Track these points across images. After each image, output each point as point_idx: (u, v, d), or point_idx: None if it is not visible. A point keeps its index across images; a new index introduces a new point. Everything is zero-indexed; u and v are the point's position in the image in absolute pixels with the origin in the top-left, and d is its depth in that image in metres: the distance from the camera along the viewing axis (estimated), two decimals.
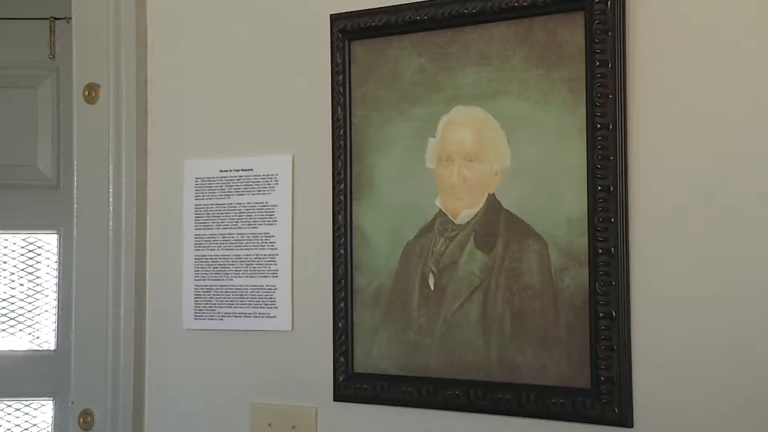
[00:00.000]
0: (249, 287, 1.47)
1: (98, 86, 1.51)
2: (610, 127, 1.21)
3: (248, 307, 1.47)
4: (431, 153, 1.34)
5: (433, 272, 1.32)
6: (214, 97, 1.53)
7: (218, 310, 1.50)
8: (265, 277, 1.45)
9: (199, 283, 1.51)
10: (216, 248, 1.50)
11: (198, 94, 1.54)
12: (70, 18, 1.54)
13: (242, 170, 1.48)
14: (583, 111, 1.23)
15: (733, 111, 1.17)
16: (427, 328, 1.32)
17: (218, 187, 1.50)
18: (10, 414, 2.53)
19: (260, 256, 1.46)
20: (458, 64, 1.32)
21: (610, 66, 1.21)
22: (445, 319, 1.31)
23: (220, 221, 1.50)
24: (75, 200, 1.55)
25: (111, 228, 1.52)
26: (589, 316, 1.21)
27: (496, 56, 1.29)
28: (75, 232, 1.55)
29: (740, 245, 1.15)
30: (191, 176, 1.52)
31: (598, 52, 1.22)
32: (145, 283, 1.55)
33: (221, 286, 1.49)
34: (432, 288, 1.32)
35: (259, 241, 1.47)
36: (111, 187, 1.52)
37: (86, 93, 1.52)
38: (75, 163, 1.55)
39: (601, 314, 1.21)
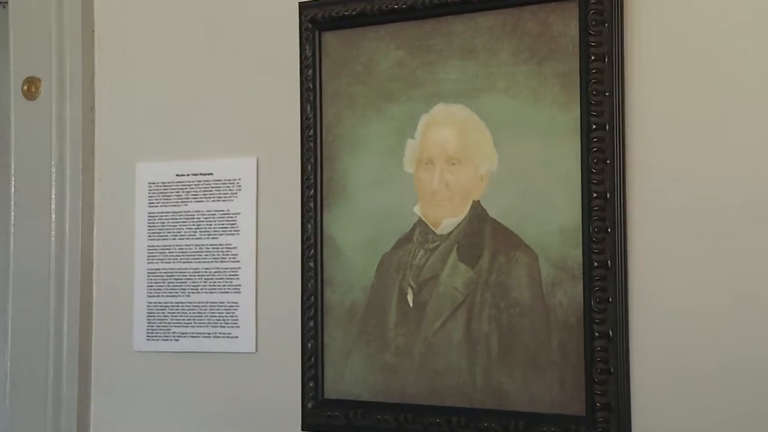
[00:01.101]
0: (208, 304, 1.45)
1: (39, 80, 1.49)
2: (607, 127, 1.20)
3: (207, 327, 1.45)
4: (410, 155, 1.32)
5: (412, 287, 1.31)
6: (169, 94, 1.51)
7: (174, 329, 1.48)
8: (227, 293, 1.44)
9: (153, 299, 1.49)
10: (171, 261, 1.48)
11: (152, 89, 1.52)
12: (6, 2, 1.54)
13: (201, 174, 1.47)
14: (578, 110, 1.22)
15: (742, 109, 1.16)
16: (406, 349, 1.31)
17: (174, 193, 1.49)
18: None
19: (221, 270, 1.45)
20: (440, 58, 1.31)
21: (606, 60, 1.20)
22: (426, 339, 1.29)
23: (176, 231, 1.48)
24: (12, 207, 1.53)
25: (53, 238, 1.50)
26: (583, 335, 1.20)
27: (481, 49, 1.28)
28: (12, 242, 1.52)
29: (748, 257, 1.14)
30: (144, 181, 1.50)
31: (593, 45, 1.21)
32: (91, 300, 1.53)
33: (177, 303, 1.47)
34: (411, 305, 1.31)
35: (220, 253, 1.45)
36: (53, 192, 1.50)
37: (25, 87, 1.50)
38: (12, 166, 1.53)
39: (597, 333, 1.19)
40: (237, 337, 1.43)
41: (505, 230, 1.26)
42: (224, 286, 1.44)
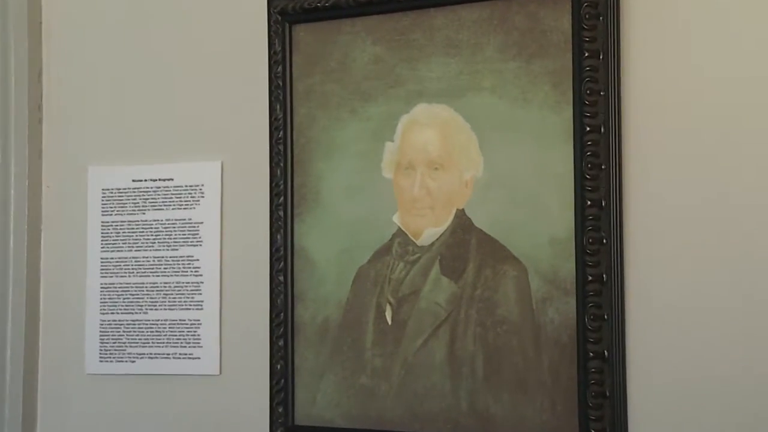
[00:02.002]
0: (167, 322, 1.43)
1: None
2: (602, 129, 1.19)
3: (167, 347, 1.43)
4: (389, 160, 1.31)
5: (390, 303, 1.29)
6: (125, 91, 1.48)
7: (129, 350, 1.45)
8: (188, 309, 1.42)
9: (106, 317, 1.46)
10: (127, 274, 1.46)
11: (105, 86, 1.49)
12: None
13: (160, 180, 1.45)
14: (570, 110, 1.21)
15: (747, 108, 1.15)
16: (384, 371, 1.29)
17: (130, 201, 1.46)
18: None
19: (181, 284, 1.43)
20: (421, 54, 1.29)
21: (601, 57, 1.19)
22: (405, 360, 1.28)
23: (132, 242, 1.46)
24: None
25: None
26: (576, 355, 1.19)
27: (466, 45, 1.27)
28: None
29: (756, 272, 1.13)
30: (97, 186, 1.48)
31: (587, 41, 1.20)
32: (37, 317, 1.50)
33: (133, 320, 1.45)
34: (389, 322, 1.29)
35: (181, 266, 1.43)
36: None
37: None
38: None
39: (591, 353, 1.18)
40: (199, 358, 1.41)
41: (491, 241, 1.24)
42: (185, 302, 1.42)
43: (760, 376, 1.12)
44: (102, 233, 1.46)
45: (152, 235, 1.44)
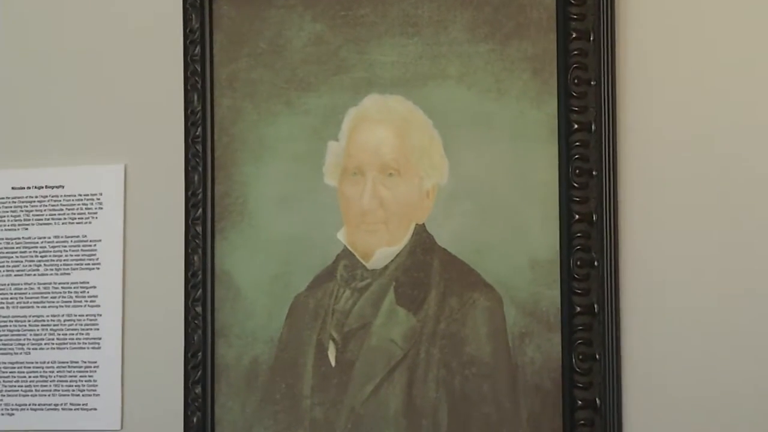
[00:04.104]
0: (56, 365, 1.37)
1: None
2: (592, 127, 1.17)
3: (55, 395, 1.37)
4: (332, 163, 1.28)
5: (334, 340, 1.26)
6: (2, 79, 1.41)
7: (7, 400, 1.39)
8: (82, 348, 1.37)
9: None
10: (5, 305, 1.40)
11: None
12: None
13: (47, 188, 1.40)
14: (554, 104, 1.19)
15: (760, 101, 1.12)
16: (326, 424, 1.25)
17: (9, 213, 1.41)
18: None
19: (74, 318, 1.38)
20: (372, 34, 1.26)
21: (592, 38, 1.16)
22: (353, 410, 1.24)
23: (11, 265, 1.41)
24: None
25: None
26: (562, 404, 1.16)
27: (427, 22, 1.24)
28: None
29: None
30: None
31: (575, 18, 1.17)
32: None
33: (13, 363, 1.39)
34: (333, 363, 1.25)
35: (73, 295, 1.38)
36: None
37: None
38: None
39: (580, 402, 1.15)
40: (95, 409, 1.35)
41: (458, 263, 1.21)
42: (78, 339, 1.37)
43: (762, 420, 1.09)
44: None
45: (37, 257, 1.40)
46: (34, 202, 1.39)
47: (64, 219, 1.38)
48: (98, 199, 1.37)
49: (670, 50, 1.16)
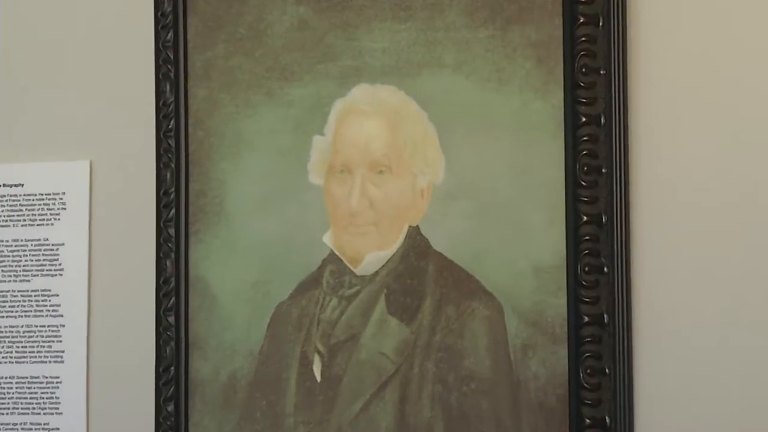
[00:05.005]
0: (15, 380, 1.37)
1: None
2: (602, 120, 1.15)
3: (13, 414, 1.37)
4: (318, 159, 1.27)
5: (320, 353, 1.25)
6: None
7: None
8: (44, 362, 1.36)
9: None
10: None
11: None
12: None
13: (5, 186, 1.40)
14: (560, 94, 1.17)
15: None
16: None
17: None
18: None
19: (35, 329, 1.37)
20: (361, 18, 1.25)
21: (601, 23, 1.15)
22: (340, 429, 1.23)
23: None
24: None
25: None
26: (569, 423, 1.15)
27: (421, 6, 1.23)
28: None
29: None
30: None
31: (582, 1, 1.16)
32: None
33: None
34: (318, 378, 1.25)
35: (34, 304, 1.38)
36: None
37: None
38: None
39: (588, 420, 1.14)
40: (58, 429, 1.35)
41: (455, 269, 1.21)
42: (39, 352, 1.37)
43: None
44: None
45: None
46: None
47: (24, 221, 1.39)
48: (61, 198, 1.37)
49: (685, 36, 1.14)
